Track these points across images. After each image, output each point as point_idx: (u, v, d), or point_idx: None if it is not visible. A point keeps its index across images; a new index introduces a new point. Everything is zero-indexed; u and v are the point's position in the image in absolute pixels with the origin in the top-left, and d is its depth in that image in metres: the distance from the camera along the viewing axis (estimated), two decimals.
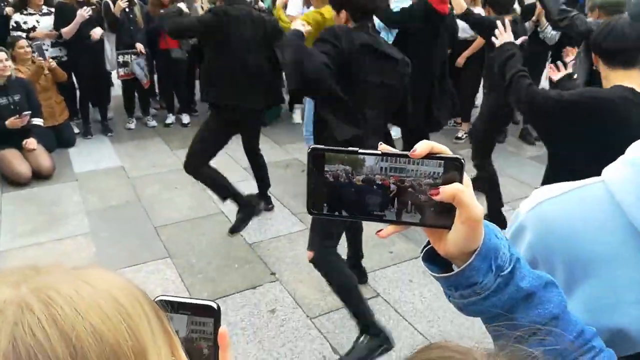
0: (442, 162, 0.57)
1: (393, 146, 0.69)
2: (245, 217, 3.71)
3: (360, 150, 0.59)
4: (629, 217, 0.59)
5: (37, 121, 4.71)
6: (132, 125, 5.77)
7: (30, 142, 4.55)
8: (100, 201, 4.18)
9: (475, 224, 0.56)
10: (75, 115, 5.61)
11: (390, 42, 3.60)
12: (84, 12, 4.90)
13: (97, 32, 5.11)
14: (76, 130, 5.50)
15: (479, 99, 5.99)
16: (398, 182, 0.58)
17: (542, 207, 0.67)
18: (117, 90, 6.22)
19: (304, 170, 2.99)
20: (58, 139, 5.10)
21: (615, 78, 1.81)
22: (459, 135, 5.58)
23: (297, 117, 6.07)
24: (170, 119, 5.94)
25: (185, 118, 5.96)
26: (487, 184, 3.74)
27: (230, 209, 3.93)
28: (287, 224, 3.87)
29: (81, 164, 4.87)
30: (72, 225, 3.79)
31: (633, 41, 1.76)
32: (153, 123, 5.87)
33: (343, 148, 0.60)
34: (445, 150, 0.58)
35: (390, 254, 3.46)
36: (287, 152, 5.19)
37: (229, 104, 3.41)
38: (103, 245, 3.53)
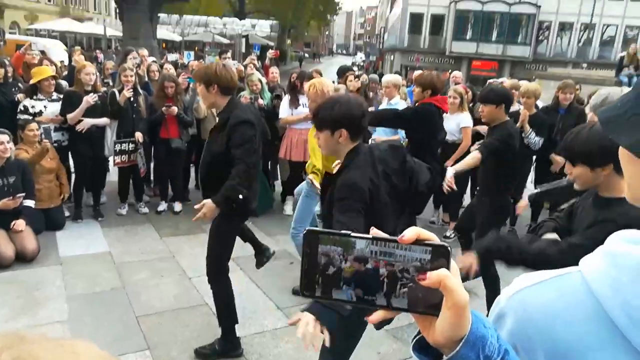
0: (430, 248, 0.59)
1: None
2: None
3: (353, 234, 0.61)
4: (605, 309, 0.60)
5: (29, 202, 4.73)
6: (124, 211, 5.79)
7: (19, 224, 4.53)
8: (84, 287, 4.08)
9: (461, 310, 0.57)
10: (67, 198, 5.64)
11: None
12: (90, 98, 5.12)
13: (86, 123, 5.22)
14: (67, 214, 5.50)
15: (466, 199, 6.14)
16: (388, 267, 0.60)
17: (521, 295, 0.68)
18: (112, 175, 6.32)
19: (292, 263, 3.05)
20: (47, 221, 5.08)
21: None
22: (448, 234, 5.63)
23: (288, 208, 6.13)
24: (163, 206, 5.98)
25: (177, 206, 6.00)
26: (490, 287, 3.71)
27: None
28: (272, 319, 3.76)
29: (68, 247, 4.82)
30: (50, 311, 3.67)
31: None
32: (145, 210, 5.90)
33: (336, 231, 0.62)
34: (432, 237, 0.60)
35: (378, 354, 3.34)
36: (277, 243, 5.17)
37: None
38: (80, 334, 3.39)
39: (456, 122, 5.44)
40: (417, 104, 4.41)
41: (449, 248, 0.60)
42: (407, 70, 28.22)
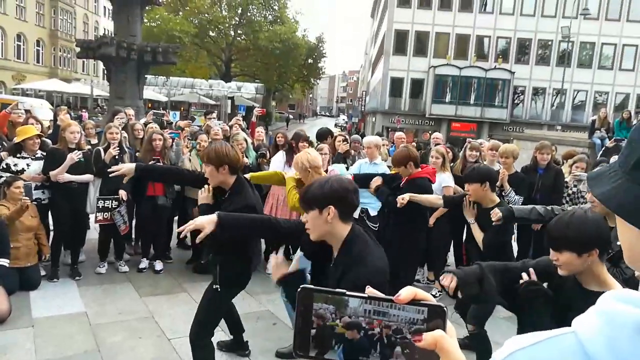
0: (426, 309, 0.59)
1: None
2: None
3: (348, 293, 0.60)
4: None
5: (3, 261, 4.59)
6: (103, 270, 5.64)
7: None
8: (55, 350, 3.89)
9: None
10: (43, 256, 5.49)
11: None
12: (74, 155, 5.11)
13: (67, 178, 5.20)
14: (42, 273, 5.33)
15: (450, 256, 6.14)
16: (382, 327, 0.59)
17: (514, 357, 0.66)
18: (91, 232, 6.21)
19: (275, 324, 3.01)
20: (22, 281, 4.91)
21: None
22: (433, 293, 5.57)
23: (271, 266, 6.04)
24: (144, 263, 5.85)
25: (159, 265, 5.87)
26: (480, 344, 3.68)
27: None
28: None
29: (41, 308, 4.63)
30: None
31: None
32: (125, 268, 5.76)
33: (331, 289, 0.61)
34: (428, 297, 0.60)
35: None
36: (260, 303, 5.06)
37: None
38: None
39: (438, 182, 5.54)
40: (410, 178, 4.63)
41: (445, 308, 0.59)
42: (389, 131, 28.94)
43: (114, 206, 5.50)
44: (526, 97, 35.32)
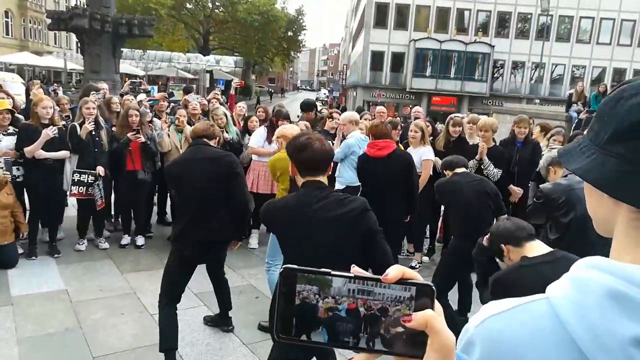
0: (414, 287, 0.57)
1: None
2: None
3: (333, 272, 0.58)
4: (572, 336, 0.59)
5: None
6: (83, 247, 5.58)
7: None
8: (36, 328, 3.86)
9: (448, 351, 0.56)
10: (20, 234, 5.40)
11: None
12: (49, 131, 4.98)
13: (42, 154, 5.08)
14: (20, 251, 5.26)
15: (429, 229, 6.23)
16: (368, 307, 0.57)
17: (489, 322, 0.68)
18: (70, 209, 6.11)
19: (257, 297, 3.03)
20: None
21: None
22: (413, 264, 5.68)
23: (253, 242, 6.06)
24: (126, 240, 5.80)
25: (140, 240, 5.84)
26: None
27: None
28: (237, 355, 3.66)
29: (20, 286, 4.57)
30: None
31: None
32: (105, 245, 5.70)
33: (316, 269, 0.59)
34: (416, 276, 0.58)
35: None
36: (242, 278, 5.09)
37: (191, 239, 3.45)
38: None
39: (418, 155, 5.58)
40: None
41: (434, 287, 0.57)
42: (370, 106, 28.86)
43: (90, 181, 5.40)
44: (506, 71, 35.50)
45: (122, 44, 15.61)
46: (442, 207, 5.72)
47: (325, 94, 66.11)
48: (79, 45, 17.10)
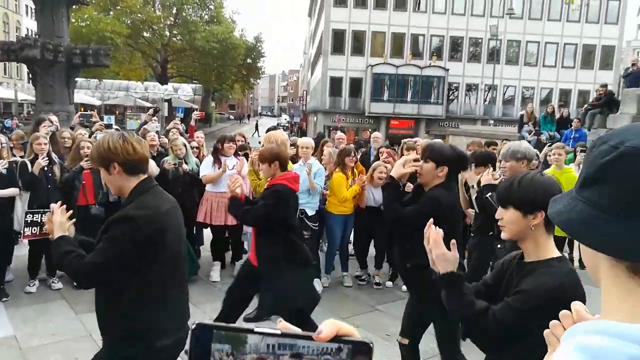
0: (350, 346, 0.52)
1: None
2: None
3: (257, 330, 0.52)
4: None
5: None
6: (34, 289, 5.30)
7: None
8: None
9: None
10: None
11: None
12: None
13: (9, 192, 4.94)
14: None
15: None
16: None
17: None
18: (20, 248, 5.83)
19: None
20: None
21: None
22: (377, 280, 5.92)
23: (215, 274, 5.93)
24: None
25: None
26: None
27: None
28: None
29: None
30: None
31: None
32: (58, 285, 5.44)
33: (233, 325, 0.53)
34: (352, 331, 0.54)
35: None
36: (204, 313, 4.95)
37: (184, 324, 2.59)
38: None
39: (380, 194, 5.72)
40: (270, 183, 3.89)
41: (372, 344, 0.53)
42: (330, 130, 29.18)
43: (44, 220, 5.17)
44: (460, 93, 36.75)
45: (76, 74, 15.25)
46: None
47: (286, 119, 66.48)
48: (30, 75, 16.61)
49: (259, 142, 5.79)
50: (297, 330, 0.54)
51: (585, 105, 13.51)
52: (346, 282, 5.90)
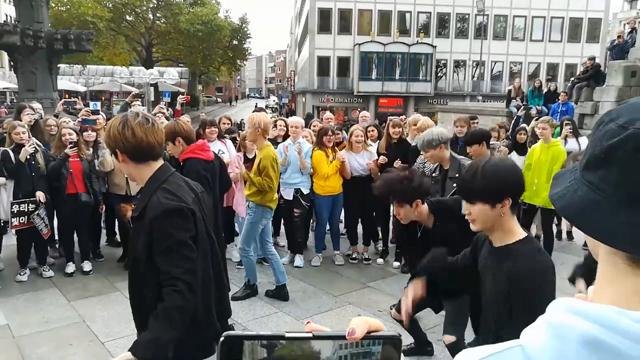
0: (381, 341, 0.53)
1: None
2: None
3: (287, 335, 0.50)
4: None
5: None
6: (25, 277, 5.28)
7: None
8: None
9: None
10: None
11: None
12: None
13: None
14: None
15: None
16: None
17: None
18: (9, 237, 5.79)
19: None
20: None
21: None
22: (366, 256, 6.07)
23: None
24: (71, 267, 5.53)
25: (87, 266, 5.59)
26: None
27: None
28: None
29: None
30: None
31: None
32: (49, 273, 5.42)
33: (265, 334, 0.50)
34: (380, 326, 0.55)
35: None
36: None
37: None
38: None
39: (364, 158, 5.79)
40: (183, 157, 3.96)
41: (400, 337, 0.54)
42: (319, 111, 29.06)
43: (30, 209, 5.14)
44: (448, 70, 36.64)
45: (58, 60, 14.95)
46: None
47: (274, 100, 66.00)
48: (11, 63, 16.28)
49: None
50: (327, 330, 0.53)
51: (572, 79, 13.55)
52: (338, 261, 5.95)
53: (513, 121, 10.60)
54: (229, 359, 0.49)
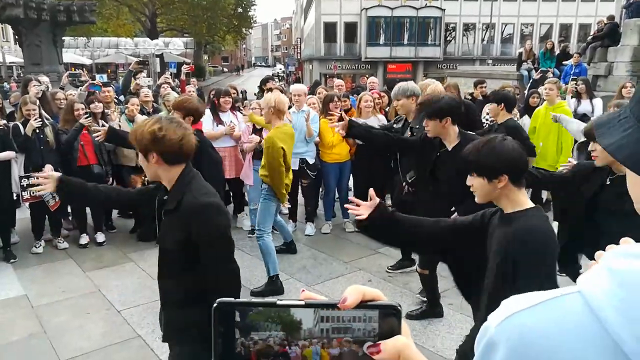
0: (377, 311, 0.51)
1: None
2: None
3: (279, 302, 0.50)
4: (612, 337, 0.52)
5: None
6: (40, 249, 5.38)
7: None
8: None
9: None
10: None
11: None
12: None
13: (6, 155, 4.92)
14: None
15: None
16: (343, 346, 0.50)
17: (514, 320, 0.58)
18: (23, 211, 5.87)
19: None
20: None
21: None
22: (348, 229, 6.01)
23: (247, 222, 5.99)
24: (85, 239, 5.62)
25: (100, 237, 5.67)
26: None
27: (146, 331, 3.68)
28: None
29: None
30: None
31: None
32: (64, 245, 5.52)
33: (257, 300, 0.51)
34: (378, 294, 0.52)
35: None
36: None
37: None
38: None
39: (374, 124, 5.72)
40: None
41: (400, 307, 0.52)
42: (327, 78, 28.72)
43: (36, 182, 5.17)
44: (457, 34, 35.84)
45: (62, 32, 14.82)
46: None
47: (281, 69, 65.27)
48: (16, 36, 16.18)
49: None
50: (322, 298, 0.52)
51: (588, 38, 13.16)
52: (348, 228, 5.97)
53: (529, 84, 10.38)
54: (223, 325, 0.50)
